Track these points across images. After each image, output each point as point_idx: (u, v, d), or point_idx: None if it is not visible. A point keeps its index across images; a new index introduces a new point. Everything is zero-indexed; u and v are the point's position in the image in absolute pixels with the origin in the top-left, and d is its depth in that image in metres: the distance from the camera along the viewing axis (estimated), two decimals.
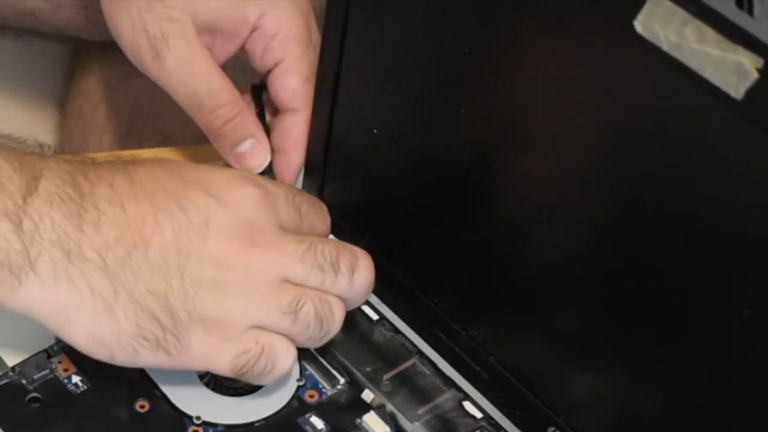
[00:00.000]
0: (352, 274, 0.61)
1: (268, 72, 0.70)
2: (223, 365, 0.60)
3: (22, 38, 0.94)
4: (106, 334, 0.58)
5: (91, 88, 0.93)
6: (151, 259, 0.58)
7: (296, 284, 0.60)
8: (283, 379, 0.63)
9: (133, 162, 0.60)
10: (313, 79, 0.68)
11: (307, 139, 0.69)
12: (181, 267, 0.58)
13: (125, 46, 0.69)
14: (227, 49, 0.69)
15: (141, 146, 0.85)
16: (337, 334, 0.63)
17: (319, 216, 0.65)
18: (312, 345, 0.63)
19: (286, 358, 0.60)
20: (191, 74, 0.68)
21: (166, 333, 0.58)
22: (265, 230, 0.60)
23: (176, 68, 0.68)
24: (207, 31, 0.68)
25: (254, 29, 0.69)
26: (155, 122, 0.90)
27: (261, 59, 0.69)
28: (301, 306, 0.60)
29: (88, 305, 0.57)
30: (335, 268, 0.61)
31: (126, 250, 0.57)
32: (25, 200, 0.56)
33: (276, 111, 0.71)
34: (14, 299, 0.57)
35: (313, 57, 0.69)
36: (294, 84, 0.69)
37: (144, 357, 0.58)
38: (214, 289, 0.59)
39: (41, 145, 0.61)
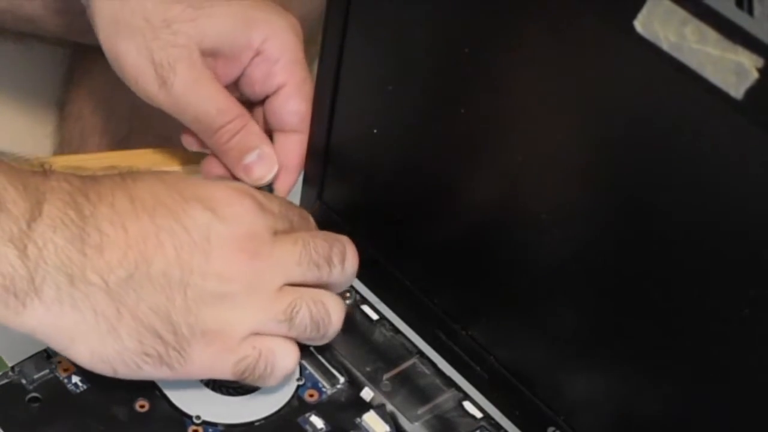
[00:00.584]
0: (344, 262, 0.63)
1: (266, 96, 0.70)
2: (224, 373, 0.61)
3: (21, 42, 0.94)
4: (110, 352, 0.58)
5: (90, 90, 0.93)
6: (153, 277, 0.58)
7: (295, 285, 0.61)
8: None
9: (132, 176, 0.61)
10: (311, 101, 0.69)
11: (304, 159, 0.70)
12: (183, 283, 0.59)
13: (129, 77, 0.69)
14: (229, 74, 0.70)
15: (140, 148, 0.85)
16: (338, 334, 0.63)
17: (309, 227, 0.66)
18: (313, 344, 0.64)
19: (285, 360, 0.61)
20: (199, 98, 0.68)
21: (169, 348, 0.59)
22: (262, 239, 0.61)
23: (184, 93, 0.68)
24: (210, 55, 0.69)
25: (257, 54, 0.69)
26: (154, 125, 0.90)
27: (262, 84, 0.70)
28: (297, 312, 0.61)
29: (92, 327, 0.58)
30: (329, 262, 0.62)
31: (128, 272, 0.58)
32: (29, 225, 0.56)
33: (267, 131, 0.71)
34: (19, 322, 0.57)
35: (311, 80, 0.70)
36: (302, 107, 0.70)
37: (147, 371, 0.59)
38: (216, 302, 0.59)
39: (42, 164, 0.61)
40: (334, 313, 0.62)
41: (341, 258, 0.63)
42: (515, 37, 0.57)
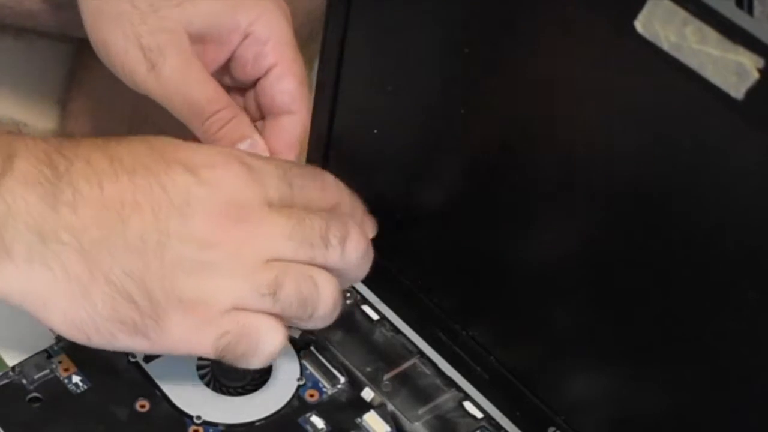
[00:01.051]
0: (344, 244, 0.59)
1: (257, 79, 0.70)
2: (205, 348, 0.58)
3: (22, 38, 0.93)
4: (83, 317, 0.56)
5: (91, 89, 0.93)
6: (129, 240, 0.56)
7: (284, 261, 0.58)
8: (283, 379, 0.63)
9: (116, 139, 0.59)
10: (306, 82, 0.69)
11: (301, 140, 0.69)
12: (161, 247, 0.56)
13: (115, 63, 0.68)
14: (218, 58, 0.69)
15: None
16: (338, 333, 0.63)
17: (316, 187, 0.62)
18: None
19: (270, 339, 0.58)
20: (188, 83, 0.67)
21: (144, 317, 0.56)
22: (251, 208, 0.58)
23: (173, 78, 0.67)
24: (198, 40, 0.68)
25: (246, 36, 0.69)
26: (155, 123, 0.89)
27: (253, 65, 0.69)
28: (281, 285, 0.57)
29: (64, 288, 0.56)
30: (325, 241, 0.59)
31: (103, 232, 0.56)
32: None
33: (261, 115, 0.71)
34: None
35: (302, 60, 0.69)
36: (291, 87, 0.69)
37: (122, 341, 0.57)
38: (195, 269, 0.57)
39: (17, 123, 0.60)
40: (324, 290, 0.58)
41: (340, 239, 0.59)
42: (515, 38, 0.57)
